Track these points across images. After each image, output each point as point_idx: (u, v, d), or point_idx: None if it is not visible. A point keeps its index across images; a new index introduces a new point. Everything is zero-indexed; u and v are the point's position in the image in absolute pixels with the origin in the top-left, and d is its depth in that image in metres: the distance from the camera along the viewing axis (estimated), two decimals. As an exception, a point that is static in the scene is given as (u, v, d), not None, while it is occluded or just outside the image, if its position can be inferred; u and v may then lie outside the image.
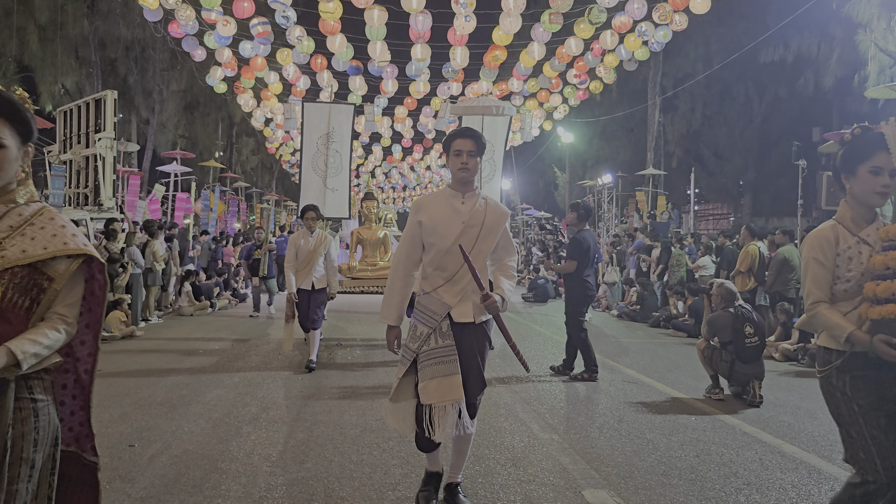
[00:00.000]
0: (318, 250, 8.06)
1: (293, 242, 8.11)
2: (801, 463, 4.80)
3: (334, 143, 11.35)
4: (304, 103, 11.86)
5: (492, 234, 3.74)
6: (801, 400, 6.93)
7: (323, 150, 11.34)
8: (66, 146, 15.22)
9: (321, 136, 11.37)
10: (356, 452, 4.85)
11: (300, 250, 8.04)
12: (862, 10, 14.50)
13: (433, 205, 3.80)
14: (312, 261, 8.02)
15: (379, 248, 10.64)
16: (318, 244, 8.10)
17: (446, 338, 3.63)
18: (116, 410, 5.98)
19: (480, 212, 3.75)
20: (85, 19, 22.63)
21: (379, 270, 10.15)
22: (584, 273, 7.94)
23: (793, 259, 10.49)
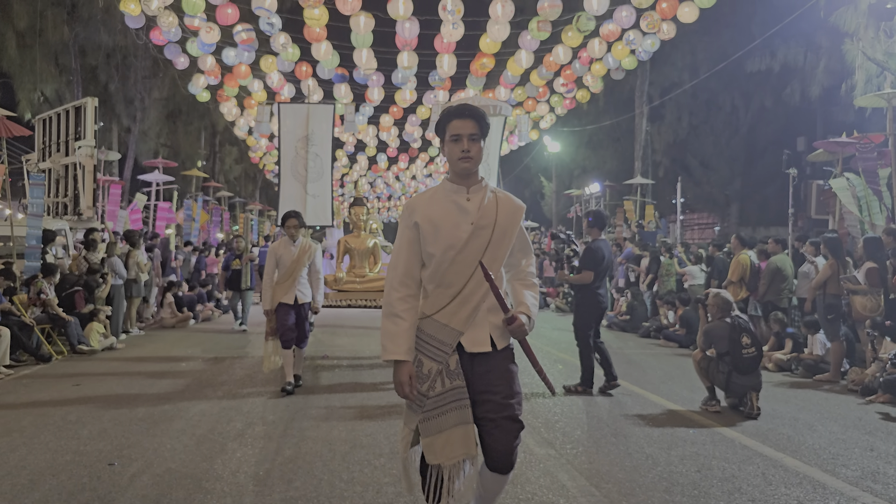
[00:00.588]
0: (301, 260, 7.28)
1: (273, 253, 7.33)
2: (804, 477, 4.66)
3: (314, 146, 10.72)
4: (280, 105, 11.20)
5: (507, 236, 3.01)
6: (798, 412, 6.81)
7: (302, 154, 10.71)
8: (45, 154, 14.98)
9: (300, 140, 10.73)
10: (346, 470, 4.66)
11: (281, 261, 7.28)
12: (849, 20, 14.54)
13: (431, 205, 3.03)
14: (295, 272, 7.26)
15: (368, 259, 9.83)
16: (302, 254, 7.30)
17: (455, 377, 2.93)
18: (95, 427, 5.75)
19: (491, 208, 3.02)
20: (65, 25, 22.28)
21: (368, 282, 9.49)
22: (596, 285, 7.55)
23: (785, 268, 10.41)
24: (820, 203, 13.58)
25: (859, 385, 7.94)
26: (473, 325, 2.96)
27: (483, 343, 2.96)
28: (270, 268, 7.30)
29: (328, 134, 10.79)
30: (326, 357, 9.63)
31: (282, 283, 7.26)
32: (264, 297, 7.26)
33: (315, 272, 7.46)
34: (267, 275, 7.30)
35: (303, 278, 7.34)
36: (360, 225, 9.87)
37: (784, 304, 10.42)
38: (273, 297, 7.24)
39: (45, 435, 5.49)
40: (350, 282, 9.49)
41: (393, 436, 5.54)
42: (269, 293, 7.24)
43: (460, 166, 2.99)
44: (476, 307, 2.96)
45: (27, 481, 4.39)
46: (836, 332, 8.84)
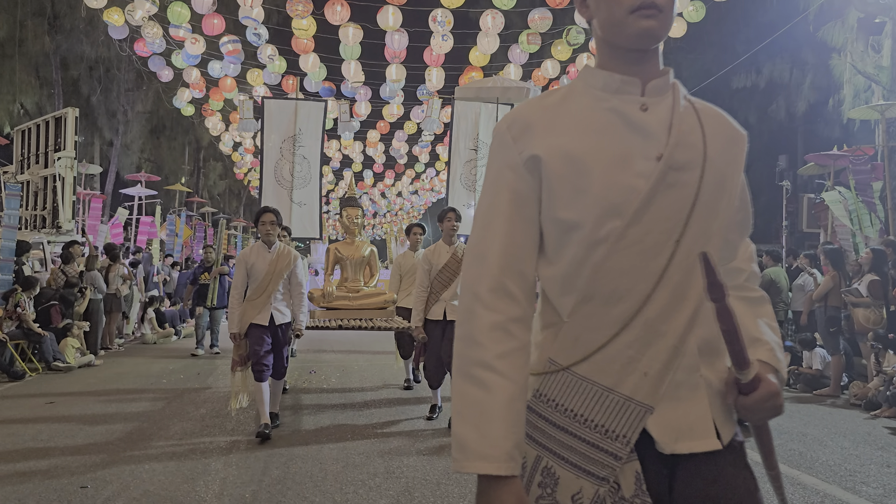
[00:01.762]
0: (278, 270, 5.85)
1: (242, 261, 5.91)
2: (826, 496, 4.41)
3: (302, 147, 9.54)
4: (265, 99, 10.02)
5: (726, 189, 1.39)
6: (805, 427, 6.58)
7: (288, 157, 9.51)
8: (24, 166, 14.59)
9: (286, 140, 9.52)
10: (339, 491, 4.35)
11: (253, 270, 5.84)
12: (837, 35, 14.57)
13: (565, 117, 1.37)
14: (271, 285, 5.83)
15: (363, 270, 7.97)
16: (280, 261, 5.88)
17: None
18: (68, 446, 5.39)
19: (693, 128, 1.38)
20: (46, 36, 21.90)
21: (363, 298, 7.66)
22: None
23: (779, 280, 10.24)
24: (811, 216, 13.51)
25: (862, 399, 7.75)
26: (676, 391, 1.33)
27: (700, 431, 1.35)
28: (239, 279, 5.87)
29: (318, 134, 9.70)
30: (313, 372, 9.31)
31: (254, 300, 5.82)
32: (231, 316, 5.83)
33: (297, 285, 6.04)
34: (235, 288, 5.86)
35: (280, 293, 5.93)
36: (354, 230, 7.96)
37: (780, 318, 10.24)
38: (242, 317, 5.82)
39: (13, 456, 5.13)
40: (341, 297, 7.64)
41: (388, 453, 5.24)
42: (236, 312, 5.80)
43: (638, 26, 1.31)
44: (678, 349, 1.31)
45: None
46: (837, 345, 8.67)
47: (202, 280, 11.47)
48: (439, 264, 6.35)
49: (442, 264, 6.35)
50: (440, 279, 6.33)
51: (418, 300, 6.29)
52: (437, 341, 6.29)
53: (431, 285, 6.40)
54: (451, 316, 6.23)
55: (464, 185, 10.03)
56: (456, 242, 6.51)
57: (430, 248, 6.62)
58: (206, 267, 11.62)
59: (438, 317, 6.32)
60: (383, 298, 7.64)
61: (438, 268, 6.35)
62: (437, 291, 6.35)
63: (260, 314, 5.82)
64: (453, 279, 6.30)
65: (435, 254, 6.44)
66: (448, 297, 6.32)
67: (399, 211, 41.94)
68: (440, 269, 6.34)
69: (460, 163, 10.24)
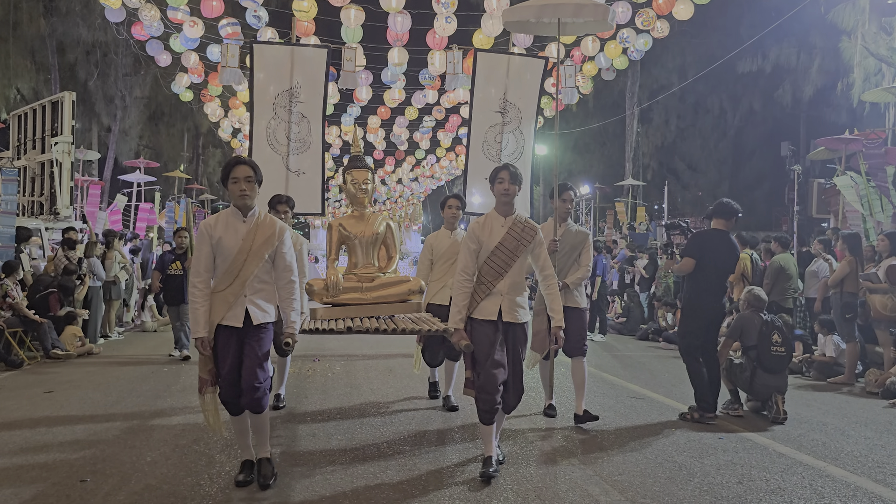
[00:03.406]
0: (256, 247, 4.14)
1: (205, 234, 4.18)
2: (857, 489, 4.23)
3: (300, 103, 7.88)
4: (254, 45, 8.14)
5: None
6: (824, 416, 6.41)
7: (283, 115, 7.84)
8: (21, 152, 14.34)
9: (280, 94, 7.86)
10: (350, 484, 4.17)
11: (221, 247, 4.14)
12: (847, 17, 14.31)
13: None
14: (246, 267, 4.12)
15: (377, 251, 5.92)
16: (258, 232, 4.18)
17: None
18: (66, 438, 5.21)
19: None
20: (42, 18, 21.54)
21: (379, 289, 5.66)
22: (704, 286, 6.13)
23: (788, 267, 10.04)
24: (821, 202, 13.29)
25: (880, 387, 7.58)
26: None
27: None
28: (202, 261, 4.15)
29: (319, 87, 8.00)
30: (317, 360, 9.12)
31: (221, 290, 4.13)
32: (194, 314, 4.13)
33: (285, 269, 4.24)
34: (196, 274, 4.16)
35: (260, 281, 4.19)
36: (363, 198, 5.90)
37: (789, 305, 10.05)
38: (209, 315, 4.13)
39: (10, 448, 4.94)
40: (351, 289, 5.63)
41: (397, 442, 5.06)
42: (201, 308, 4.10)
43: None
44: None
45: None
46: (853, 332, 8.49)
47: (172, 270, 9.63)
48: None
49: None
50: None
51: (461, 291, 4.42)
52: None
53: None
54: None
55: (486, 154, 8.52)
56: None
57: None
58: (178, 255, 9.77)
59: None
60: (407, 287, 5.63)
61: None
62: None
63: (231, 311, 4.10)
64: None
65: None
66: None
67: (399, 198, 41.64)
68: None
69: (483, 128, 8.56)
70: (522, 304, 4.39)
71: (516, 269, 4.35)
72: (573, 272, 5.90)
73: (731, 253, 6.20)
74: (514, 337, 4.36)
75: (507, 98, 8.64)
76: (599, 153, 32.60)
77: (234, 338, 4.12)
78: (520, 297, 4.38)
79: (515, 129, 8.63)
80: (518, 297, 4.37)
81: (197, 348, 4.14)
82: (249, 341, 4.13)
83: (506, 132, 8.67)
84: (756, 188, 27.74)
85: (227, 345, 4.12)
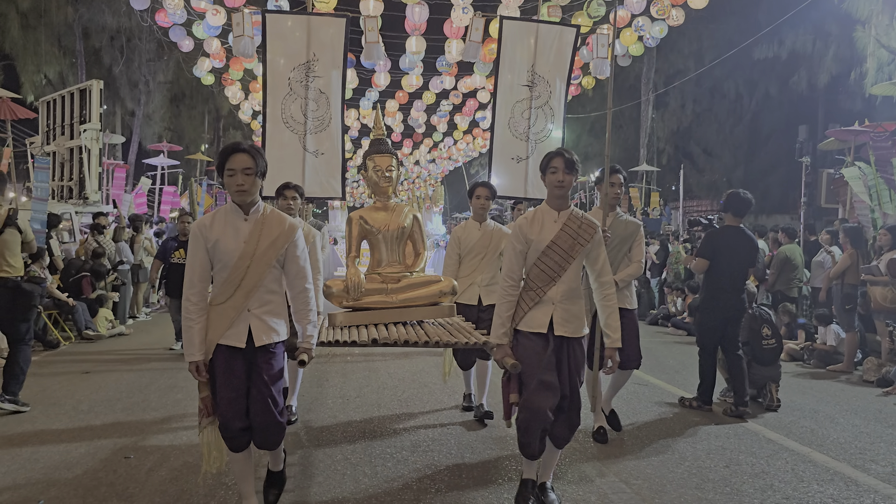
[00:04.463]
0: (261, 251, 3.46)
1: (199, 236, 3.44)
2: (835, 473, 4.58)
3: (317, 78, 7.22)
4: (268, 14, 7.47)
5: None
6: (817, 403, 6.73)
7: (300, 91, 7.16)
8: (50, 137, 14.81)
9: (296, 68, 7.19)
10: (368, 464, 4.57)
11: (218, 251, 3.45)
12: (861, 7, 14.38)
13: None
14: (249, 276, 3.45)
15: (403, 247, 5.28)
16: (265, 233, 3.49)
17: None
18: (108, 417, 5.67)
19: None
20: (69, 6, 22.03)
21: (407, 290, 4.99)
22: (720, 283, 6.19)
23: (794, 258, 10.32)
24: (830, 192, 13.46)
25: (876, 376, 7.89)
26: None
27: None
28: (196, 268, 3.46)
29: (338, 60, 7.31)
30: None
31: (220, 303, 3.47)
32: (187, 333, 3.46)
33: (298, 275, 3.58)
34: (189, 285, 3.46)
35: (268, 292, 3.51)
36: (386, 187, 5.24)
37: (794, 294, 10.34)
38: (205, 334, 3.47)
39: (57, 426, 5.41)
40: (375, 291, 4.97)
41: (414, 429, 5.46)
42: (196, 326, 3.44)
43: None
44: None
45: (42, 476, 4.30)
46: (852, 322, 8.78)
47: (175, 258, 8.88)
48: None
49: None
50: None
51: (505, 300, 3.79)
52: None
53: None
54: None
55: (512, 131, 7.76)
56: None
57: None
58: (182, 242, 8.92)
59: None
60: (438, 289, 4.98)
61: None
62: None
63: (231, 329, 3.44)
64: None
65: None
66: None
67: (416, 178, 41.93)
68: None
69: (509, 103, 7.81)
70: (578, 314, 3.75)
71: (571, 273, 3.71)
72: (623, 268, 5.21)
73: (747, 248, 6.19)
74: (569, 355, 3.72)
75: (535, 70, 7.85)
76: (615, 136, 32.64)
77: (237, 359, 3.44)
78: (575, 307, 3.74)
79: (544, 104, 7.82)
80: (573, 306, 3.73)
81: (192, 373, 3.50)
82: (257, 365, 3.45)
83: (534, 108, 7.84)
84: (771, 173, 27.76)
85: (230, 368, 3.43)
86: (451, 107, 23.30)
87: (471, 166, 41.02)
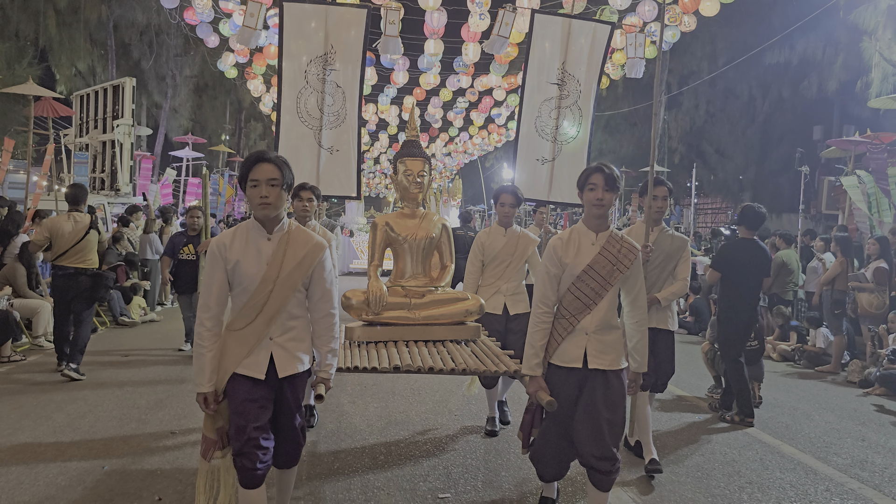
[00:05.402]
0: (286, 273, 3.16)
1: (217, 255, 3.16)
2: (798, 464, 5.16)
3: (334, 71, 6.87)
4: (285, 3, 6.84)
5: None
6: (798, 401, 7.28)
7: (316, 85, 6.82)
8: (83, 130, 15.50)
9: (313, 61, 6.83)
10: (384, 445, 5.19)
11: (238, 272, 3.15)
12: (868, 18, 14.79)
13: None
14: (272, 301, 3.14)
15: (429, 257, 5.06)
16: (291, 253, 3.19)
17: None
18: (152, 398, 6.33)
19: None
20: (102, 4, 22.85)
21: (432, 307, 4.77)
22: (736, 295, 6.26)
23: (790, 262, 10.82)
24: (831, 198, 13.95)
25: (859, 377, 8.43)
26: None
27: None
28: (214, 290, 3.16)
29: (357, 54, 6.94)
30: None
31: (239, 328, 3.17)
32: (198, 361, 3.15)
33: (322, 298, 3.29)
34: (205, 308, 3.16)
35: (290, 317, 3.22)
36: (416, 194, 5.01)
37: (789, 297, 10.86)
38: (217, 362, 3.17)
39: (108, 404, 6.07)
40: (397, 305, 4.75)
41: (425, 413, 6.07)
42: (208, 353, 3.14)
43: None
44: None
45: (101, 447, 4.95)
46: (840, 326, 9.30)
47: (184, 255, 8.47)
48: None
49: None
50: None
51: (538, 328, 3.50)
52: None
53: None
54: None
55: (539, 131, 7.41)
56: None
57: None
58: (191, 237, 8.55)
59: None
60: (464, 308, 4.75)
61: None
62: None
63: (250, 357, 3.14)
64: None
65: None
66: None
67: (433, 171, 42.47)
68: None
69: (536, 101, 7.41)
70: (615, 344, 3.48)
71: (608, 301, 3.44)
72: (667, 286, 4.89)
73: (760, 261, 6.20)
74: (605, 388, 3.44)
75: (565, 68, 7.42)
76: (629, 134, 33.08)
77: (256, 392, 3.12)
78: (611, 337, 3.47)
79: (573, 104, 7.40)
80: (608, 336, 3.46)
81: (200, 403, 3.16)
82: (284, 395, 3.23)
83: (562, 107, 7.44)
84: (782, 174, 28.06)
85: (248, 400, 3.10)
86: (467, 104, 23.89)
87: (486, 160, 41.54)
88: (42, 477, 4.34)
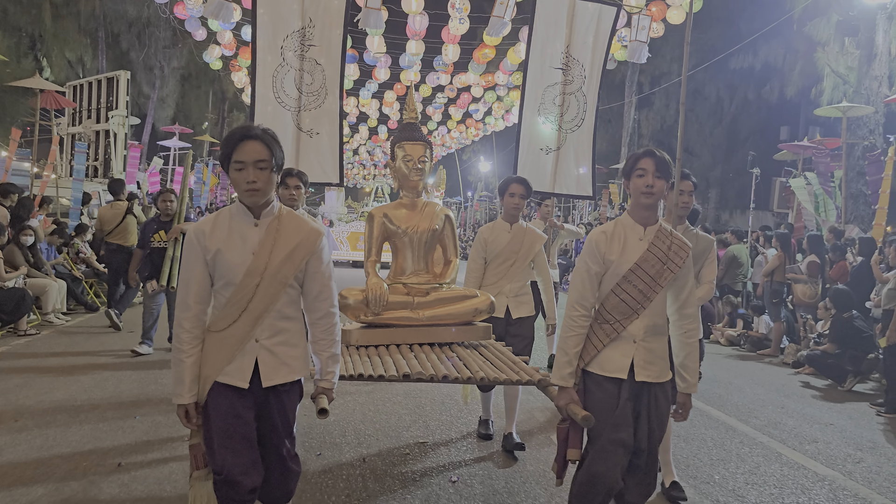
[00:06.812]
0: (274, 266, 2.68)
1: (196, 245, 2.68)
2: (722, 424, 6.12)
3: (313, 47, 6.32)
4: None
5: None
6: (734, 378, 8.28)
7: (293, 62, 6.29)
8: (76, 119, 16.12)
9: (289, 36, 6.27)
10: (372, 403, 6.07)
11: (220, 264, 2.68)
12: (821, 31, 15.86)
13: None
14: (258, 298, 2.67)
15: (432, 251, 4.55)
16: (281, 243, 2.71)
17: None
18: (164, 367, 7.12)
19: None
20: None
21: (438, 305, 4.30)
22: None
23: (741, 256, 11.86)
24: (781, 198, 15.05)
25: (793, 359, 9.46)
26: None
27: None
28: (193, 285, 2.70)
29: (338, 28, 6.39)
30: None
31: (221, 330, 2.71)
32: (177, 367, 2.69)
33: (320, 296, 2.83)
34: (183, 307, 2.71)
35: (281, 317, 2.75)
36: (417, 182, 4.45)
37: (739, 288, 11.90)
38: (197, 369, 2.71)
39: (127, 371, 6.87)
40: (399, 304, 4.28)
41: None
42: (188, 359, 2.68)
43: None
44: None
45: (129, 403, 5.76)
46: (779, 313, 10.34)
47: (155, 242, 7.58)
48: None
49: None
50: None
51: (572, 333, 3.09)
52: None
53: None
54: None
55: (542, 118, 7.11)
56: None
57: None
58: (164, 222, 7.65)
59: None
60: (472, 306, 4.31)
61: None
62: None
63: (233, 363, 2.69)
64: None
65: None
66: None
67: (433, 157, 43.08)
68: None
69: (540, 86, 7.09)
70: (663, 354, 3.09)
71: (658, 304, 3.06)
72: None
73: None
74: (650, 404, 3.08)
75: (570, 53, 7.16)
76: (602, 131, 33.97)
77: (239, 406, 2.68)
78: (659, 346, 3.08)
79: (577, 90, 7.16)
80: (657, 344, 3.08)
81: (180, 416, 2.72)
82: (269, 409, 2.76)
83: (566, 94, 7.15)
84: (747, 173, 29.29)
85: (230, 418, 2.66)
86: (445, 100, 24.69)
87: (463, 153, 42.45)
88: (86, 425, 5.15)
